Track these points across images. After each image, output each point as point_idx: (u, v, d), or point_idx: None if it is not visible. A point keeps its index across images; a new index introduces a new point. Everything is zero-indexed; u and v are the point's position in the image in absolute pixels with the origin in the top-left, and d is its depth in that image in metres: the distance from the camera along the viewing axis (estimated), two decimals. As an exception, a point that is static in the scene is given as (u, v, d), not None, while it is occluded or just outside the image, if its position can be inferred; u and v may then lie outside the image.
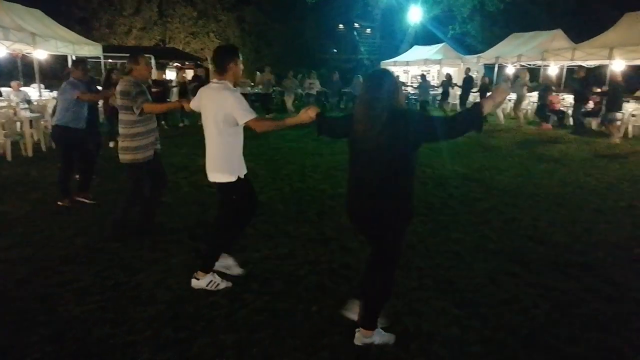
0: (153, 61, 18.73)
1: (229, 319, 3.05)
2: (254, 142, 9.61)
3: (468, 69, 16.25)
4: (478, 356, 2.73)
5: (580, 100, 11.57)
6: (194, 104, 3.54)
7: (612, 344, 2.85)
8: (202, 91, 3.42)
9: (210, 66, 27.54)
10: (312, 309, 3.18)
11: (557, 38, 15.57)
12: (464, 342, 2.85)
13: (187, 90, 12.25)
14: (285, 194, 6.09)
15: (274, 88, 17.09)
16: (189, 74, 16.77)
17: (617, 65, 12.05)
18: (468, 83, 15.42)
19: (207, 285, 3.41)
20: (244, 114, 3.18)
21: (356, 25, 39.06)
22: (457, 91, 16.58)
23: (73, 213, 5.15)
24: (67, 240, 4.35)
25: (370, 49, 37.22)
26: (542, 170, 7.72)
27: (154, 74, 11.12)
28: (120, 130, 4.20)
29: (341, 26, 38.57)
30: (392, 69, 25.24)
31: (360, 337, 2.77)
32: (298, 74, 21.60)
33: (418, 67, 23.74)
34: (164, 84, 11.76)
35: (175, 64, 21.91)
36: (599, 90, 11.58)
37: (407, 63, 24.04)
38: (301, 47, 31.93)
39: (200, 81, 11.89)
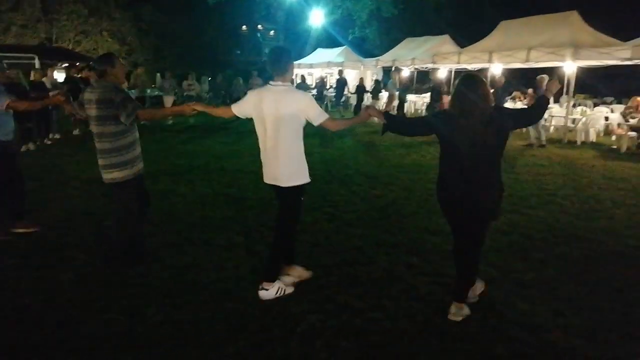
0: (37, 62, 17.10)
1: (127, 335, 2.89)
2: (155, 146, 9.18)
3: (362, 78, 17.46)
4: (380, 345, 2.87)
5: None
6: (241, 109, 3.34)
7: (497, 323, 3.14)
8: (260, 95, 3.21)
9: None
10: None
11: (445, 43, 16.85)
12: (367, 333, 2.98)
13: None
14: (189, 200, 5.90)
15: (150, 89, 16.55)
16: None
17: (496, 68, 13.35)
18: (360, 88, 16.72)
19: (276, 294, 3.32)
20: (320, 115, 3.20)
21: (259, 27, 38.89)
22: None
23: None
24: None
25: (274, 51, 37.30)
26: (434, 166, 8.29)
27: (32, 75, 9.98)
28: (101, 146, 3.56)
29: (244, 27, 38.17)
30: (296, 71, 25.59)
31: (455, 310, 3.12)
32: (201, 75, 21.06)
33: (322, 69, 24.31)
34: (44, 87, 10.09)
35: (64, 65, 20.17)
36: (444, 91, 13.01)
37: (311, 65, 24.49)
38: (203, 47, 31.04)
39: (76, 83, 10.90)
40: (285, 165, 3.22)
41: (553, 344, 2.89)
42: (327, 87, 20.33)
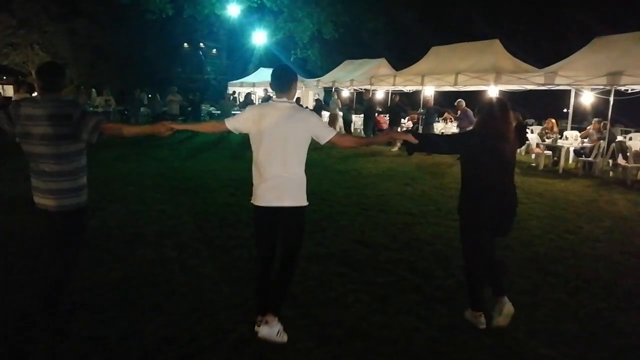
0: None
1: (48, 352, 2.82)
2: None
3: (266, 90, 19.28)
4: (308, 350, 2.99)
5: (393, 120, 13.68)
6: (238, 124, 3.07)
7: (416, 325, 3.37)
8: (261, 111, 3.02)
9: (35, 81, 24.49)
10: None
11: (382, 66, 17.63)
12: (294, 341, 3.09)
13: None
14: (121, 217, 5.78)
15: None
16: (8, 90, 14.71)
17: (428, 91, 14.17)
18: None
19: (277, 335, 2.96)
20: (328, 132, 3.08)
21: (202, 45, 38.62)
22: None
23: None
24: None
25: (217, 69, 37.11)
26: (369, 183, 8.66)
27: None
28: (52, 168, 2.97)
29: (186, 45, 37.75)
30: (239, 89, 25.64)
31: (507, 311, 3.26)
32: (141, 92, 20.64)
33: (264, 88, 24.52)
34: None
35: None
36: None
37: (254, 84, 24.64)
38: (143, 64, 30.32)
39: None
40: (293, 183, 3.02)
41: (466, 344, 3.15)
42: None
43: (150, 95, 21.21)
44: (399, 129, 12.62)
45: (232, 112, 19.95)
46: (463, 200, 3.41)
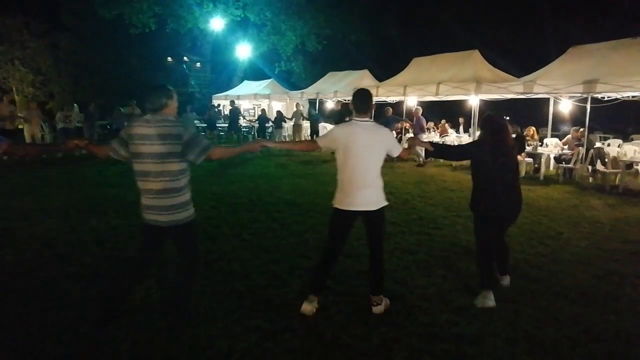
0: None
1: None
2: (67, 177, 8.74)
3: (232, 101, 19.71)
4: (286, 364, 2.95)
5: None
6: (330, 142, 3.62)
7: (397, 335, 3.35)
8: (348, 130, 3.54)
9: (17, 97, 24.10)
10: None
11: (365, 77, 17.78)
12: (274, 354, 3.05)
13: None
14: (101, 232, 5.68)
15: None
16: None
17: (410, 101, 14.30)
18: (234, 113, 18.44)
19: (384, 309, 3.67)
20: (398, 147, 3.73)
21: (185, 58, 38.61)
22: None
23: None
24: None
25: (201, 82, 37.10)
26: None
27: None
28: (160, 186, 3.16)
29: (169, 59, 37.69)
30: (223, 102, 25.62)
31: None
32: (124, 105, 20.43)
33: (249, 101, 24.57)
34: None
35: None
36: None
37: (239, 97, 24.64)
38: (126, 78, 30.14)
39: None
40: (376, 190, 3.59)
41: (447, 353, 3.13)
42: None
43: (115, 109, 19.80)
44: None
45: (217, 124, 20.03)
46: (477, 198, 4.04)
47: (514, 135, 4.33)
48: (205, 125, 20.37)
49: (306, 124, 17.46)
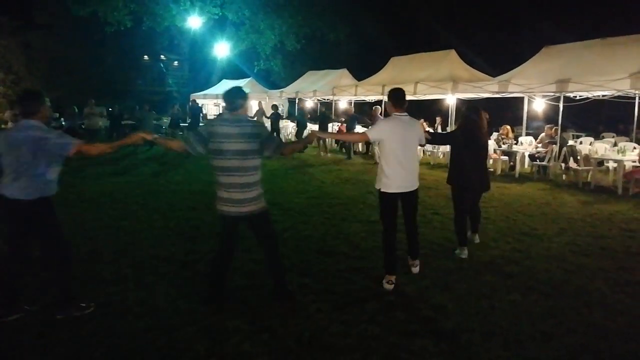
0: None
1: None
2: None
3: (194, 100, 20.09)
4: (265, 365, 2.95)
5: (322, 127, 14.42)
6: (379, 134, 4.20)
7: (376, 333, 3.38)
8: (392, 123, 4.17)
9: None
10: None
11: (344, 76, 17.84)
12: (252, 355, 3.04)
13: None
14: (77, 235, 5.57)
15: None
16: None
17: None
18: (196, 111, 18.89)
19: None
20: (423, 138, 4.47)
21: (162, 57, 38.09)
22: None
23: None
24: None
25: (179, 81, 36.69)
26: (332, 191, 8.70)
27: None
28: (242, 180, 3.52)
29: (146, 57, 37.11)
30: (202, 101, 25.37)
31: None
32: (99, 104, 20.03)
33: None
34: None
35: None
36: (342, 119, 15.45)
37: (217, 96, 24.44)
38: (102, 76, 29.59)
39: None
40: (416, 173, 4.33)
41: (424, 350, 3.18)
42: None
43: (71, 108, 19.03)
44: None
45: (153, 122, 19.07)
46: (454, 173, 5.15)
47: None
48: (168, 124, 19.92)
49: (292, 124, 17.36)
